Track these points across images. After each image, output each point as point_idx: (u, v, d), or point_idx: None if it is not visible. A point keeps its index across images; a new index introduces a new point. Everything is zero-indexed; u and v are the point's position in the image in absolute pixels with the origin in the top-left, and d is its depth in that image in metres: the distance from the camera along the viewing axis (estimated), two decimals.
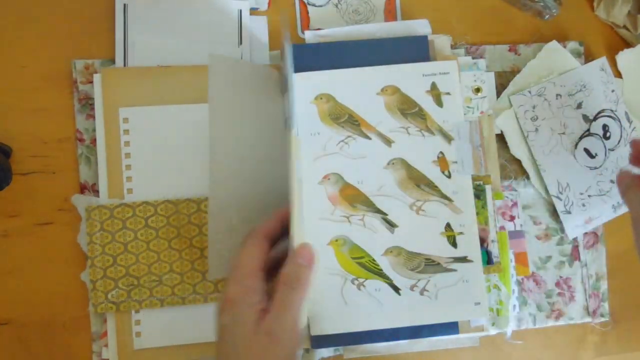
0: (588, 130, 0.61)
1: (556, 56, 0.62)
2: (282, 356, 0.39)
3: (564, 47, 0.64)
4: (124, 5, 0.57)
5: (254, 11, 0.60)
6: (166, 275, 0.54)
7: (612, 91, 0.62)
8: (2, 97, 0.56)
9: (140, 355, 0.53)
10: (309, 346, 0.56)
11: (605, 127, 0.62)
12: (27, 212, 0.55)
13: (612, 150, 0.62)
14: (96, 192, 0.55)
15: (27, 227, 0.55)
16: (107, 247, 0.53)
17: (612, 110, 0.62)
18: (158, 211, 0.54)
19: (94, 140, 0.56)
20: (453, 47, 0.61)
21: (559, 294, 0.61)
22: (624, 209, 0.61)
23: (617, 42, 0.66)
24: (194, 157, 0.56)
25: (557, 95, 0.61)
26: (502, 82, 0.62)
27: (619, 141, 0.62)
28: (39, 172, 0.56)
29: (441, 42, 0.60)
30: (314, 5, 0.62)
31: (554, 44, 0.62)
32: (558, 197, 0.61)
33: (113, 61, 0.57)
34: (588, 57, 0.64)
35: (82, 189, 0.56)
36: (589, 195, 0.61)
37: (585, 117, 0.61)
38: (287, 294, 0.41)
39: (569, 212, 0.61)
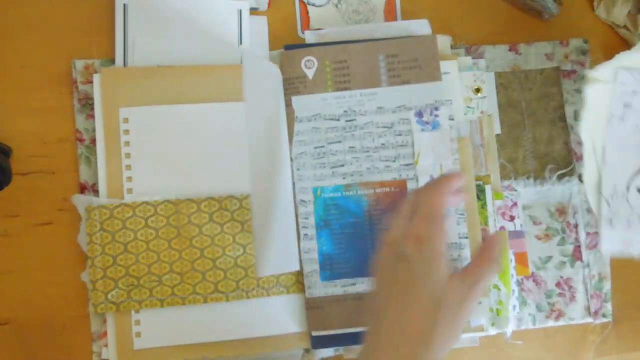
0: None
1: None
2: (468, 314, 0.40)
3: (567, 45, 0.63)
4: (124, 5, 0.57)
5: (254, 11, 0.60)
6: (166, 275, 0.54)
7: None
8: (2, 97, 0.56)
9: (140, 355, 0.53)
10: (309, 346, 0.56)
11: None
12: (27, 212, 0.55)
13: None
14: (96, 192, 0.55)
15: (27, 227, 0.55)
16: (107, 247, 0.53)
17: None
18: (158, 211, 0.54)
19: (94, 140, 0.56)
20: (453, 47, 0.61)
21: (560, 294, 0.61)
22: None
23: (617, 42, 0.66)
24: (194, 157, 0.56)
25: None
26: (502, 82, 0.62)
27: None
28: (39, 172, 0.56)
29: (441, 42, 0.60)
30: (314, 5, 0.62)
31: None
32: (608, 202, 0.53)
33: (113, 61, 0.57)
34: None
35: (82, 189, 0.56)
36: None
37: None
38: (483, 268, 0.42)
39: (611, 224, 0.53)
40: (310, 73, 0.58)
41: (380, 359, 0.39)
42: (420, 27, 0.60)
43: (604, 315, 0.61)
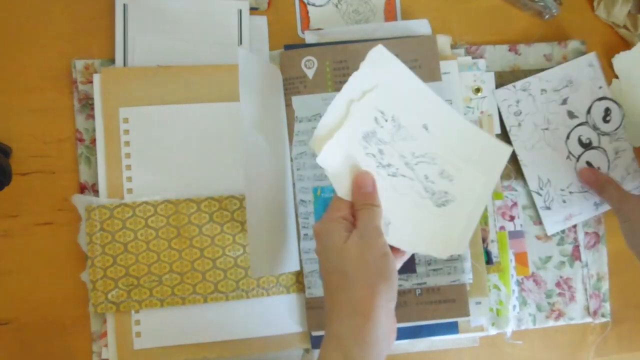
0: (585, 121, 0.62)
1: None
2: (376, 256, 0.42)
3: (565, 46, 0.64)
4: (124, 5, 0.57)
5: (254, 11, 0.60)
6: (166, 275, 0.54)
7: (600, 88, 0.62)
8: (2, 97, 0.56)
9: (140, 355, 0.53)
10: (309, 346, 0.56)
11: (607, 111, 0.62)
12: (27, 212, 0.55)
13: (608, 134, 0.62)
14: (96, 192, 0.55)
15: (27, 227, 0.55)
16: (107, 247, 0.53)
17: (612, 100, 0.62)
18: (158, 211, 0.54)
19: (93, 140, 0.56)
20: (453, 47, 0.61)
21: (560, 294, 0.61)
22: (605, 207, 0.61)
23: (617, 42, 0.66)
24: (194, 157, 0.56)
25: (542, 90, 0.61)
26: (502, 82, 0.62)
27: (618, 127, 0.62)
28: (39, 172, 0.56)
29: (441, 42, 0.60)
30: (314, 5, 0.62)
31: None
32: (538, 193, 0.61)
33: (113, 61, 0.57)
34: None
35: (82, 189, 0.56)
36: (570, 192, 0.61)
37: (570, 113, 0.61)
38: (363, 214, 0.45)
39: (549, 208, 0.61)
40: (310, 73, 0.58)
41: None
42: (420, 27, 0.60)
43: (603, 315, 0.61)
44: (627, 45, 0.65)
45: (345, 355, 0.40)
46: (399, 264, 0.48)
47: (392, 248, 0.46)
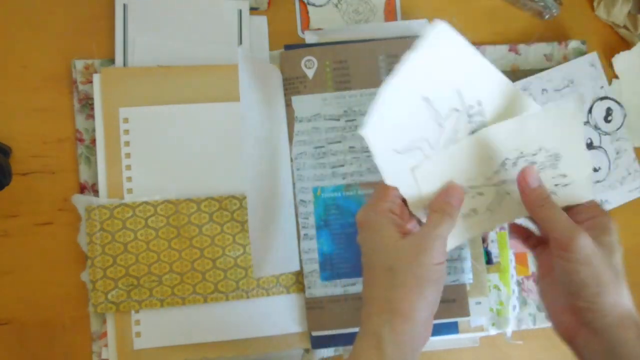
0: (587, 121, 0.61)
1: None
2: (433, 262, 0.40)
3: (566, 46, 0.64)
4: (124, 5, 0.57)
5: (254, 11, 0.60)
6: (166, 276, 0.54)
7: (601, 87, 0.62)
8: (2, 97, 0.56)
9: (140, 355, 0.53)
10: (309, 346, 0.56)
11: (609, 110, 0.62)
12: (27, 212, 0.55)
13: (609, 134, 0.62)
14: (96, 192, 0.55)
15: (27, 227, 0.55)
16: (107, 247, 0.53)
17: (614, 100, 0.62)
18: (158, 211, 0.54)
19: (93, 140, 0.56)
20: None
21: None
22: (606, 207, 0.61)
23: (617, 42, 0.66)
24: (194, 157, 0.56)
25: (542, 90, 0.61)
26: None
27: (619, 127, 0.62)
28: (39, 172, 0.56)
29: None
30: (314, 5, 0.62)
31: None
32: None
33: (113, 61, 0.57)
34: None
35: (82, 189, 0.56)
36: None
37: None
38: (437, 218, 0.42)
39: None
40: (310, 73, 0.58)
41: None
42: (420, 27, 0.60)
43: None
44: (627, 45, 0.65)
45: (380, 352, 0.39)
46: None
47: None
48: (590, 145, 0.62)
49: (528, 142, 0.44)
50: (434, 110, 0.44)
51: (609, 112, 0.62)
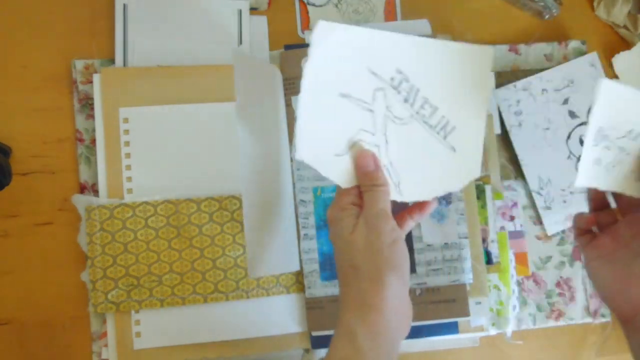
0: (587, 121, 0.61)
1: None
2: (384, 244, 0.41)
3: (566, 46, 0.64)
4: (124, 5, 0.57)
5: (254, 11, 0.60)
6: (166, 276, 0.54)
7: None
8: (2, 97, 0.56)
9: (140, 355, 0.53)
10: (309, 346, 0.56)
11: None
12: (27, 212, 0.55)
13: None
14: (96, 192, 0.55)
15: (27, 227, 0.55)
16: (107, 247, 0.53)
17: None
18: (158, 211, 0.54)
19: (93, 140, 0.56)
20: None
21: (560, 294, 0.61)
22: None
23: (617, 42, 0.66)
24: (194, 157, 0.56)
25: (543, 90, 0.61)
26: (502, 82, 0.62)
27: None
28: (39, 172, 0.56)
29: None
30: (314, 5, 0.62)
31: None
32: (538, 193, 0.61)
33: (113, 61, 0.57)
34: None
35: (82, 189, 0.56)
36: (571, 192, 0.61)
37: (571, 113, 0.61)
38: (368, 197, 0.43)
39: (549, 208, 0.61)
40: None
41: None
42: (420, 27, 0.60)
43: (602, 315, 0.61)
44: (627, 45, 0.65)
45: (355, 346, 0.39)
46: (424, 215, 0.46)
47: (415, 205, 0.45)
48: None
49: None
50: (357, 100, 0.44)
51: None
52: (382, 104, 0.44)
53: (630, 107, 0.45)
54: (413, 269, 0.56)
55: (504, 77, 0.62)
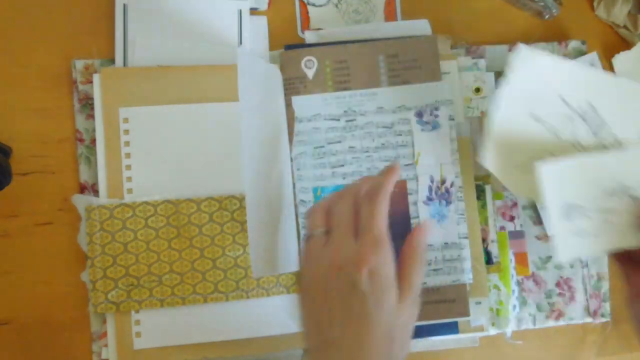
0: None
1: None
2: (411, 329, 0.41)
3: (566, 46, 0.64)
4: (124, 5, 0.57)
5: (254, 11, 0.60)
6: (166, 276, 0.54)
7: None
8: (2, 97, 0.56)
9: (140, 355, 0.53)
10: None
11: None
12: (27, 212, 0.55)
13: None
14: (96, 192, 0.55)
15: (27, 227, 0.55)
16: (107, 247, 0.53)
17: None
18: (158, 211, 0.54)
19: (93, 140, 0.56)
20: (453, 47, 0.61)
21: (559, 294, 0.61)
22: None
23: (617, 42, 0.66)
24: (194, 157, 0.56)
25: None
26: None
27: None
28: (39, 172, 0.56)
29: (441, 42, 0.60)
30: (314, 5, 0.62)
31: None
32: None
33: (113, 61, 0.57)
34: None
35: (82, 189, 0.56)
36: None
37: None
38: (418, 270, 0.41)
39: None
40: (310, 73, 0.58)
41: None
42: (420, 27, 0.60)
43: (602, 315, 0.61)
44: (627, 45, 0.65)
45: None
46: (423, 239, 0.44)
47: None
48: None
49: None
50: (546, 122, 0.48)
51: None
52: (569, 131, 0.48)
53: (580, 179, 0.48)
54: None
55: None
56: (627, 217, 0.49)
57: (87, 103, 0.56)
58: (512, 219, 0.60)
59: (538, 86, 0.47)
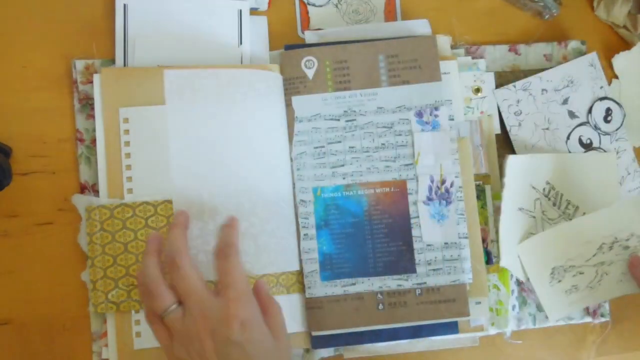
0: (586, 121, 0.62)
1: None
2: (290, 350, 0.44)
3: (566, 46, 0.64)
4: (124, 5, 0.57)
5: (254, 11, 0.60)
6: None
7: (601, 87, 0.62)
8: (2, 97, 0.56)
9: (140, 355, 0.53)
10: (309, 346, 0.56)
11: (608, 111, 0.62)
12: (27, 212, 0.55)
13: (608, 134, 0.62)
14: (96, 192, 0.55)
15: (27, 227, 0.55)
16: (107, 247, 0.53)
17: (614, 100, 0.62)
18: (158, 211, 0.54)
19: (94, 140, 0.56)
20: (453, 47, 0.61)
21: None
22: None
23: (617, 42, 0.66)
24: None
25: (542, 90, 0.61)
26: (502, 82, 0.62)
27: (619, 127, 0.62)
28: (39, 172, 0.56)
29: (441, 42, 0.60)
30: (314, 5, 0.62)
31: None
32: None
33: (113, 61, 0.57)
34: None
35: (82, 189, 0.56)
36: None
37: (570, 113, 0.61)
38: (273, 311, 0.46)
39: None
40: (310, 73, 0.58)
41: None
42: (420, 27, 0.60)
43: (602, 315, 0.61)
44: (627, 45, 0.65)
45: None
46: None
47: None
48: (589, 146, 0.62)
49: (621, 229, 0.57)
50: (524, 209, 0.58)
51: (608, 112, 0.62)
52: (540, 210, 0.58)
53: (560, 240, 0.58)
54: (413, 269, 0.56)
55: (504, 77, 0.62)
56: (621, 265, 0.58)
57: (87, 103, 0.56)
58: None
59: (517, 183, 0.57)
